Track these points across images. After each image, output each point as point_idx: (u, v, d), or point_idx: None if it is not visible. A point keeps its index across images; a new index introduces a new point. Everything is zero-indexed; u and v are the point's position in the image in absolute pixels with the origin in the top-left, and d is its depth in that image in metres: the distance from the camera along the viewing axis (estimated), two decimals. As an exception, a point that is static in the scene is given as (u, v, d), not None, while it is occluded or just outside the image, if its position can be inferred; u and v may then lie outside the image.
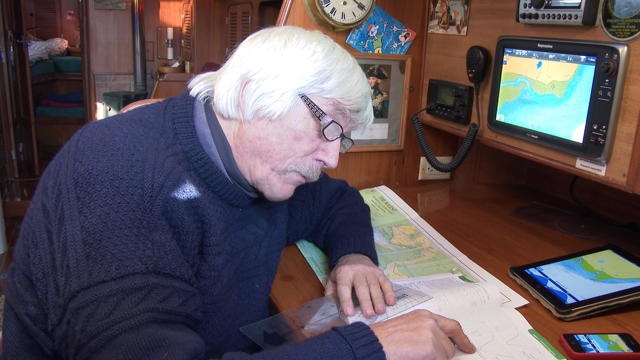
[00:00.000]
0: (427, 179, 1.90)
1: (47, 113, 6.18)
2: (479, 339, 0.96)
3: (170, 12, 5.12)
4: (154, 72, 4.99)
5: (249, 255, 1.06)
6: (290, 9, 1.57)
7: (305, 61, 0.94)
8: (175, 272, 0.80)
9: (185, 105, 0.97)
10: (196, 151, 0.93)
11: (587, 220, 1.56)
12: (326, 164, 0.99)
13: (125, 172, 0.80)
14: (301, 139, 0.95)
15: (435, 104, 1.70)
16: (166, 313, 0.76)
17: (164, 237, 0.80)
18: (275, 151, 0.95)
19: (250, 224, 1.06)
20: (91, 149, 0.82)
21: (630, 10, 1.08)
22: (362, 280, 1.07)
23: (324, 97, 0.95)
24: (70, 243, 0.76)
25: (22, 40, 5.01)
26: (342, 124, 0.97)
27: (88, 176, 0.79)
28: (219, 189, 0.96)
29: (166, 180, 0.83)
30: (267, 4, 3.41)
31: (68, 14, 7.44)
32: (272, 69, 0.93)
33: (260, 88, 0.93)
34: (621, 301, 1.07)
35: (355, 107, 0.98)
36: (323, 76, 0.94)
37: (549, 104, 1.27)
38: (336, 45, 0.99)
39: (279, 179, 0.98)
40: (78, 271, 0.74)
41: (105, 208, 0.77)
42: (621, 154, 1.12)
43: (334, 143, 0.98)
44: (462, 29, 1.59)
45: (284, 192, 1.00)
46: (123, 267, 0.75)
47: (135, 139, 0.85)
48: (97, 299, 0.73)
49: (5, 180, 4.63)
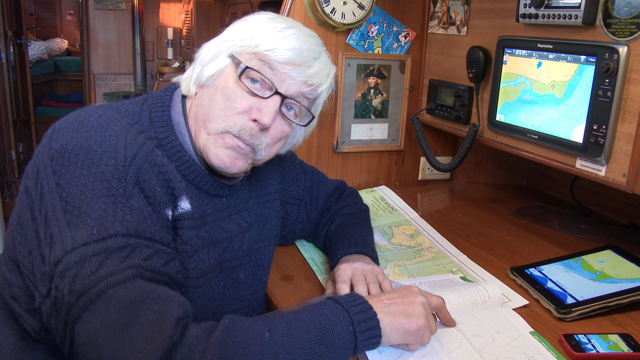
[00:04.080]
0: (427, 179, 1.90)
1: (47, 113, 6.17)
2: (480, 341, 0.96)
3: (170, 12, 5.12)
4: (154, 72, 4.98)
5: (232, 245, 1.06)
6: (290, 9, 1.57)
7: (240, 28, 0.99)
8: (155, 236, 0.82)
9: (163, 96, 1.01)
10: (170, 139, 0.96)
11: (587, 220, 1.56)
12: (260, 122, 0.96)
13: (98, 145, 0.83)
14: (229, 97, 0.95)
15: (435, 104, 1.70)
16: (150, 271, 0.78)
17: (141, 203, 0.83)
18: (207, 113, 0.96)
19: (234, 215, 1.07)
20: (66, 128, 0.86)
21: (630, 10, 1.08)
22: (361, 278, 1.07)
23: (249, 52, 0.96)
24: (51, 214, 0.79)
25: (22, 40, 5.01)
26: (269, 76, 0.95)
27: (63, 151, 0.82)
28: (193, 177, 0.98)
29: (139, 151, 0.86)
30: (267, 4, 3.40)
31: (68, 14, 7.44)
32: (213, 42, 1.01)
33: (202, 61, 1.00)
34: (621, 301, 1.07)
35: (284, 58, 0.95)
36: (250, 35, 0.97)
37: (549, 104, 1.27)
38: (293, 21, 1.02)
39: (215, 143, 0.96)
40: (61, 237, 0.77)
41: (81, 178, 0.80)
42: (621, 154, 1.11)
43: (269, 101, 0.96)
44: (462, 29, 1.59)
45: (221, 156, 0.96)
46: (104, 230, 0.77)
47: (110, 120, 0.88)
48: (81, 260, 0.75)
49: (5, 180, 4.63)
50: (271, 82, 0.96)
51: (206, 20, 4.46)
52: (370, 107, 1.73)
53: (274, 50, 0.95)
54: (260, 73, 0.95)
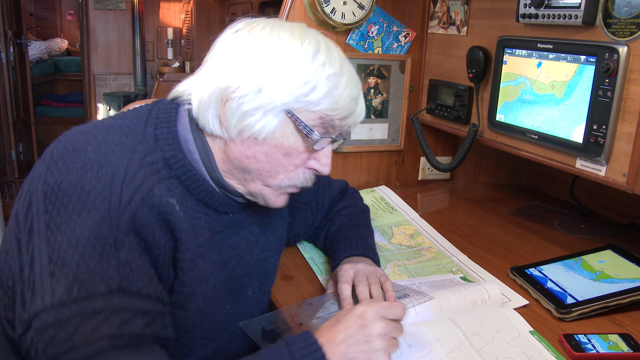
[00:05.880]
0: (427, 179, 1.90)
1: (47, 113, 6.17)
2: (480, 340, 0.96)
3: (170, 12, 5.12)
4: (154, 72, 4.98)
5: (241, 262, 1.03)
6: (290, 9, 1.57)
7: (289, 71, 0.87)
8: (141, 291, 0.79)
9: (169, 110, 0.93)
10: (178, 158, 0.90)
11: (587, 220, 1.56)
12: (319, 172, 0.96)
13: (92, 186, 0.78)
14: (291, 155, 0.92)
15: (435, 104, 1.70)
16: (128, 337, 0.76)
17: (131, 254, 0.79)
18: (265, 169, 0.92)
19: (242, 229, 1.03)
20: (63, 160, 0.81)
21: (630, 10, 1.08)
22: (363, 279, 1.07)
23: (310, 110, 0.89)
24: (37, 258, 0.77)
25: (22, 40, 5.01)
26: (331, 133, 0.93)
27: (57, 189, 0.79)
28: (203, 196, 0.93)
29: (135, 195, 0.80)
30: (267, 4, 3.41)
31: (68, 14, 7.44)
32: (253, 82, 0.86)
33: (242, 106, 0.87)
34: (621, 301, 1.07)
35: (345, 114, 0.92)
36: (308, 87, 0.87)
37: (549, 104, 1.27)
38: (321, 43, 0.91)
39: (273, 192, 0.96)
40: (42, 289, 0.75)
41: (70, 224, 0.77)
42: (621, 154, 1.11)
43: (325, 151, 0.95)
44: (462, 29, 1.59)
45: (279, 203, 0.98)
46: (84, 289, 0.75)
47: (109, 149, 0.82)
48: (58, 321, 0.73)
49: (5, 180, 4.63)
50: (331, 137, 0.94)
51: (206, 20, 4.46)
52: (370, 107, 1.73)
53: (338, 109, 0.90)
54: (327, 137, 0.92)
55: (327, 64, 0.89)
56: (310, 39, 0.90)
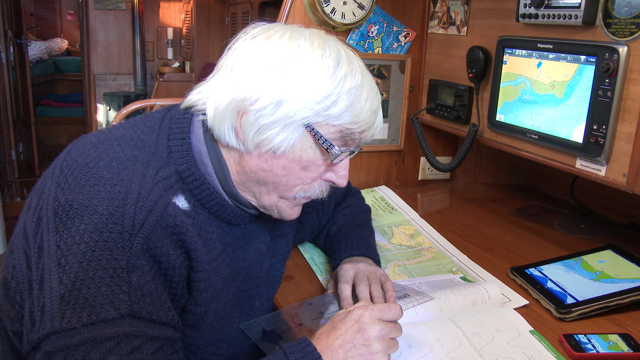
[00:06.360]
0: (427, 179, 1.90)
1: (47, 113, 6.18)
2: (480, 340, 0.96)
3: (170, 12, 5.12)
4: (154, 72, 4.99)
5: (251, 273, 1.03)
6: (290, 9, 1.57)
7: (309, 83, 0.84)
8: (152, 316, 0.78)
9: (182, 120, 0.90)
10: (191, 171, 0.88)
11: (587, 220, 1.56)
12: (336, 184, 0.95)
13: (105, 207, 0.76)
14: (309, 168, 0.90)
15: (435, 104, 1.70)
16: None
17: (143, 278, 0.77)
18: (282, 182, 0.90)
19: (253, 240, 1.02)
20: (74, 176, 0.79)
21: (630, 10, 1.08)
22: (363, 278, 1.07)
23: (331, 124, 0.87)
24: (47, 279, 0.75)
25: (22, 40, 5.01)
26: (350, 146, 0.92)
27: (68, 208, 0.76)
28: (216, 209, 0.92)
29: (148, 217, 0.78)
30: (267, 3, 3.41)
31: (68, 14, 7.44)
32: (272, 95, 0.84)
33: (261, 119, 0.84)
34: (621, 301, 1.07)
35: (365, 127, 0.91)
36: (329, 102, 0.85)
37: (549, 104, 1.27)
38: (341, 54, 0.89)
39: (288, 204, 0.95)
40: (52, 312, 0.74)
41: (82, 246, 0.74)
42: (621, 154, 1.12)
43: (343, 163, 0.94)
44: (462, 29, 1.59)
45: (293, 215, 0.98)
46: (94, 314, 0.73)
47: (121, 165, 0.80)
48: (67, 347, 0.73)
49: (5, 180, 4.63)
50: (350, 150, 0.93)
51: (206, 20, 4.46)
52: (370, 107, 1.73)
53: (358, 123, 0.89)
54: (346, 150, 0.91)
55: (348, 76, 0.87)
56: (331, 49, 0.88)
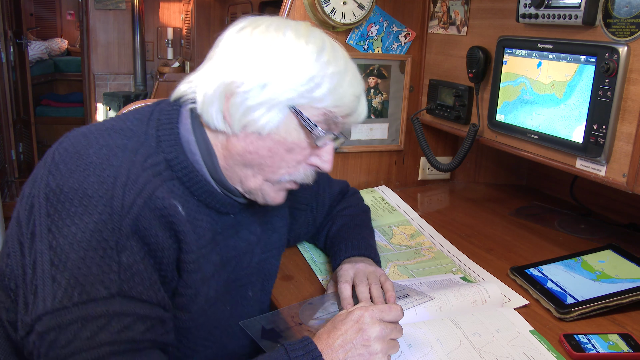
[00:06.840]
0: (427, 179, 1.90)
1: (47, 113, 6.17)
2: (480, 340, 0.96)
3: (170, 12, 5.12)
4: (154, 72, 4.98)
5: (241, 263, 1.03)
6: (290, 8, 1.57)
7: (293, 67, 0.87)
8: (142, 296, 0.79)
9: (171, 111, 0.93)
10: (180, 159, 0.90)
11: (587, 220, 1.56)
12: (320, 169, 0.96)
13: (94, 190, 0.78)
14: (293, 150, 0.92)
15: (435, 104, 1.70)
16: (127, 342, 0.77)
17: (132, 258, 0.79)
18: (267, 164, 0.92)
19: (242, 230, 1.03)
20: (64, 162, 0.81)
21: (630, 10, 1.08)
22: (363, 279, 1.07)
23: (314, 106, 0.89)
24: (39, 262, 0.77)
25: (22, 40, 5.01)
26: (334, 130, 0.94)
27: (59, 192, 0.79)
28: (205, 197, 0.93)
29: (137, 198, 0.80)
30: (267, 3, 3.41)
31: (68, 14, 7.44)
32: (258, 78, 0.87)
33: (247, 101, 0.87)
34: (621, 301, 1.07)
35: (348, 111, 0.93)
36: (313, 84, 0.88)
37: (549, 104, 1.27)
38: (325, 41, 0.92)
39: (273, 188, 0.96)
40: (44, 293, 0.75)
41: (72, 228, 0.77)
42: (621, 154, 1.12)
43: (327, 147, 0.95)
44: (462, 29, 1.59)
45: (277, 199, 0.98)
46: (85, 293, 0.75)
47: (111, 152, 0.82)
48: (58, 326, 0.74)
49: (5, 180, 4.63)
50: (334, 134, 0.94)
51: (206, 20, 4.46)
52: (370, 107, 1.73)
53: (341, 106, 0.91)
54: (330, 133, 0.93)
55: (331, 62, 0.90)
56: (316, 37, 0.91)
